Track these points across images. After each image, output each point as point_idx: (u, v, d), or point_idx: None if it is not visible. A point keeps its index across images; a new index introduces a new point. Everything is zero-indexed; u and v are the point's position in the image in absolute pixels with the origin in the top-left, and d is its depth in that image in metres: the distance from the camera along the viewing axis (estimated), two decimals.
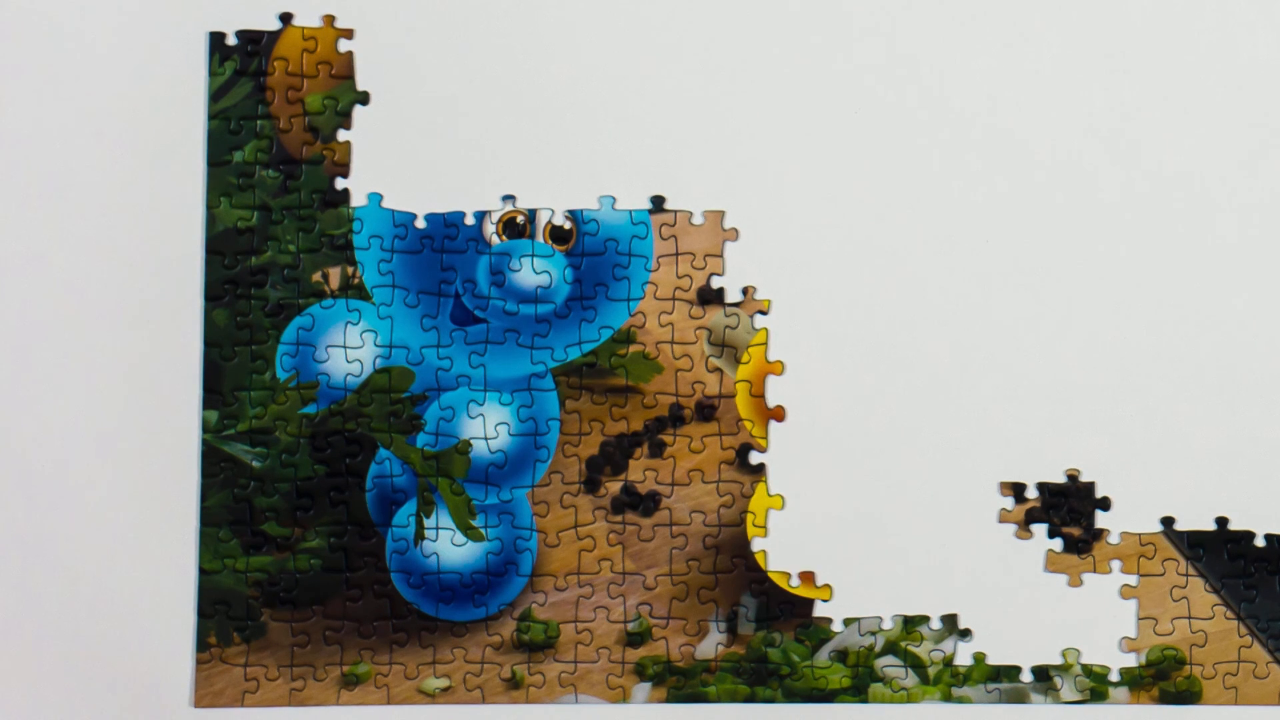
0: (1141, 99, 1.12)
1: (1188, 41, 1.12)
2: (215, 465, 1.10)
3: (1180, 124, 1.12)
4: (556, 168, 1.11)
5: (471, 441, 1.11)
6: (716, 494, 1.12)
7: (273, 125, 1.12)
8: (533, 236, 1.12)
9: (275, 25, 1.13)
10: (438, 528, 1.10)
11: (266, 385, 1.10)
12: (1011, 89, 1.12)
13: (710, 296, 1.12)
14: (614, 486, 1.12)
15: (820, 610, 1.11)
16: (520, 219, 1.12)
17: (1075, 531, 1.11)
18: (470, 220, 1.12)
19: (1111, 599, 1.10)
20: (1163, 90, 1.12)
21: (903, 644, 1.11)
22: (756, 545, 1.10)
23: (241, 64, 1.12)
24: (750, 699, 1.11)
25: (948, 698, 1.10)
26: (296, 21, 1.13)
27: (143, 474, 1.10)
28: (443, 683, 1.10)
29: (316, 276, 1.12)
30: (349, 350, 1.11)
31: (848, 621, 1.11)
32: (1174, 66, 1.12)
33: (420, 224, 1.11)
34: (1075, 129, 1.12)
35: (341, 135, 1.12)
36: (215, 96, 1.12)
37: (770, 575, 1.11)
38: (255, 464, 1.10)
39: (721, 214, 1.12)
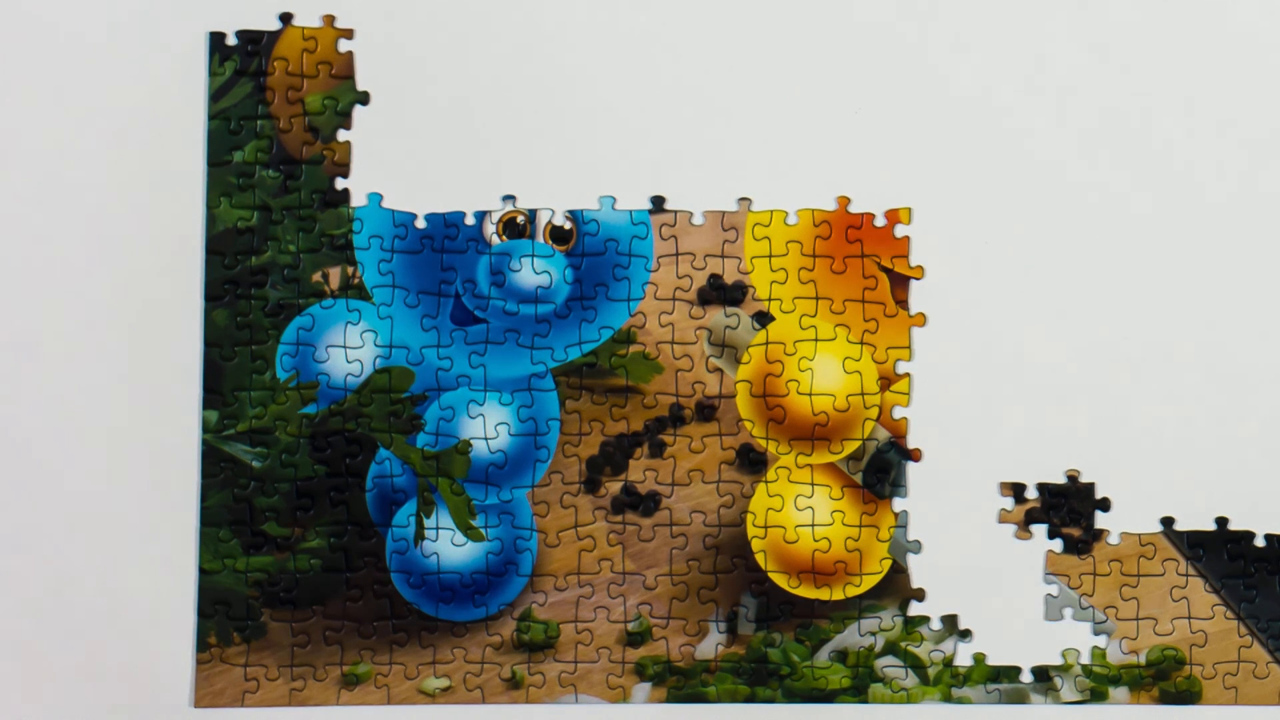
0: (1141, 99, 1.12)
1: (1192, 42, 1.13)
2: (215, 465, 1.10)
3: (1182, 124, 1.12)
4: (556, 168, 1.11)
5: (471, 441, 1.11)
6: (716, 494, 1.12)
7: (273, 125, 1.12)
8: (533, 236, 1.12)
9: (275, 25, 1.13)
10: (438, 528, 1.10)
11: (266, 385, 1.10)
12: (998, 83, 1.12)
13: (711, 296, 1.12)
14: (614, 486, 1.12)
15: (820, 610, 1.11)
16: (520, 219, 1.12)
17: (1075, 532, 1.11)
18: (470, 220, 1.12)
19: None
20: (1157, 87, 1.12)
21: (903, 644, 1.11)
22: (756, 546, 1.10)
23: (241, 64, 1.12)
24: (750, 699, 1.10)
25: (948, 698, 1.10)
26: (296, 21, 1.13)
27: (143, 474, 1.10)
28: (443, 683, 1.10)
29: (316, 276, 1.12)
30: (349, 350, 1.11)
31: (848, 621, 1.11)
32: (1172, 66, 1.12)
33: (420, 224, 1.11)
34: (1072, 129, 1.12)
35: (341, 135, 1.12)
36: (215, 96, 1.12)
37: (770, 575, 1.11)
38: (255, 464, 1.10)
39: (722, 214, 1.12)
